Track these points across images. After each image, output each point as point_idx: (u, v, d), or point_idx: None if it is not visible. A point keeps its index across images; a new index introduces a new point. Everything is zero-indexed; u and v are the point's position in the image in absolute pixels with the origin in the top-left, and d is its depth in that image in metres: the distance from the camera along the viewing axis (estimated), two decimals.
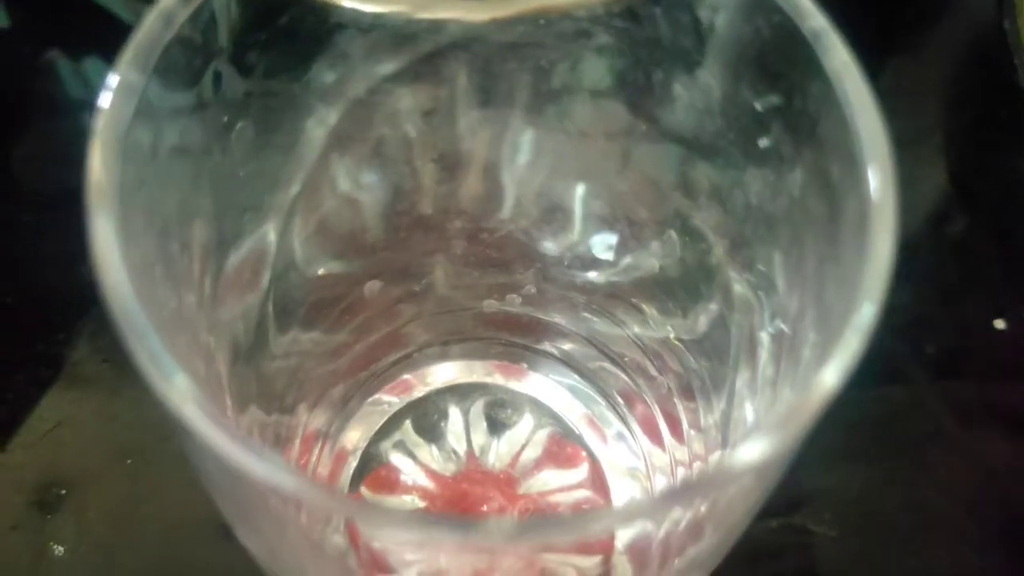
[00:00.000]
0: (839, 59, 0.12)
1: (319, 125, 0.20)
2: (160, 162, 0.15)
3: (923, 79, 0.36)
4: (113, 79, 0.12)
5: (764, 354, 0.16)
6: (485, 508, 0.26)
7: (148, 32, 0.13)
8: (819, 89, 0.13)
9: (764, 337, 0.16)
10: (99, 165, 0.12)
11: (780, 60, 0.14)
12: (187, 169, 0.16)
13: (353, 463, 0.26)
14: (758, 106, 0.15)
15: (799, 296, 0.15)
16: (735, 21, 0.15)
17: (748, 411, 0.17)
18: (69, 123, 0.34)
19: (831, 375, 0.11)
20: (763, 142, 0.15)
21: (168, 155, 0.15)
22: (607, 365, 0.26)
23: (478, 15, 0.18)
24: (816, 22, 0.13)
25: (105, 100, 0.12)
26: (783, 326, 0.16)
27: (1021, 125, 0.33)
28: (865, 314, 0.11)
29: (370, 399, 0.27)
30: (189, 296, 0.17)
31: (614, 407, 0.27)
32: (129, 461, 0.27)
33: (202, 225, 0.17)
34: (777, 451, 0.11)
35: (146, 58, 0.13)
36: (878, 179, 0.11)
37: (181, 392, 0.12)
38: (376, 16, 0.19)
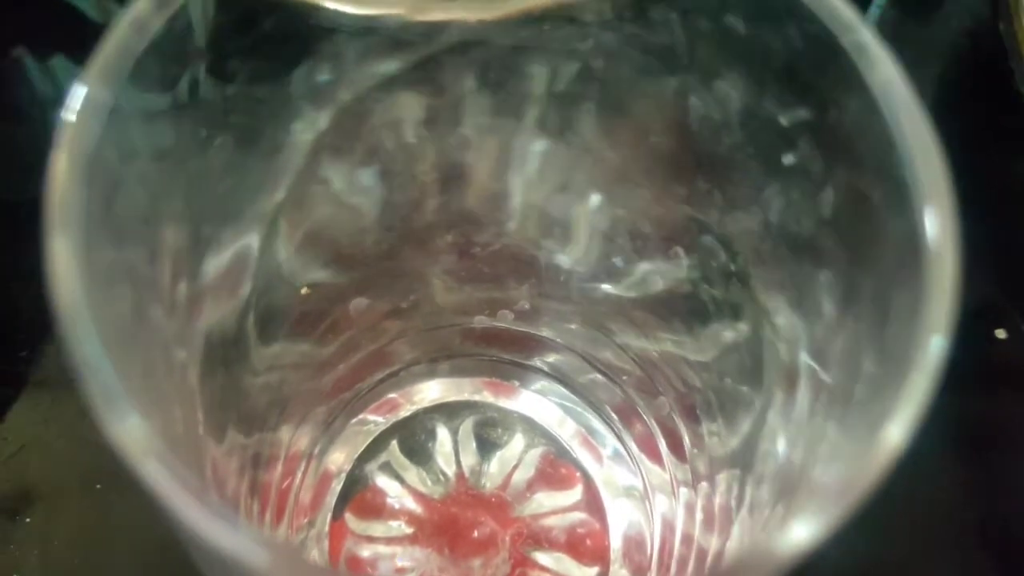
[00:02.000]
0: (885, 74, 0.11)
1: (306, 131, 0.19)
2: (131, 169, 0.13)
3: (916, 83, 0.35)
4: (79, 93, 0.11)
5: (803, 384, 0.15)
6: (476, 533, 0.24)
7: (119, 42, 0.11)
8: (857, 105, 0.12)
9: (803, 366, 0.15)
10: (63, 186, 0.11)
11: (811, 72, 0.13)
12: (160, 172, 0.15)
13: (337, 486, 0.25)
14: (783, 120, 0.14)
15: (850, 323, 0.14)
16: (760, 29, 0.13)
17: (780, 443, 0.16)
18: (37, 127, 0.32)
19: (897, 430, 0.10)
20: (788, 159, 0.14)
21: (140, 160, 0.14)
22: (602, 380, 0.25)
23: (477, 15, 0.17)
24: (860, 36, 0.12)
25: (71, 114, 0.11)
26: (825, 357, 0.14)
27: (1019, 131, 0.33)
28: (933, 351, 0.10)
29: (355, 419, 0.26)
30: (157, 307, 0.15)
31: (608, 423, 0.26)
32: (98, 486, 0.25)
33: (175, 230, 0.16)
34: (830, 529, 0.10)
35: (116, 70, 0.11)
36: (937, 223, 0.10)
37: (136, 440, 0.11)
38: (368, 19, 0.18)
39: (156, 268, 0.14)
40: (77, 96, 0.11)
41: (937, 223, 0.10)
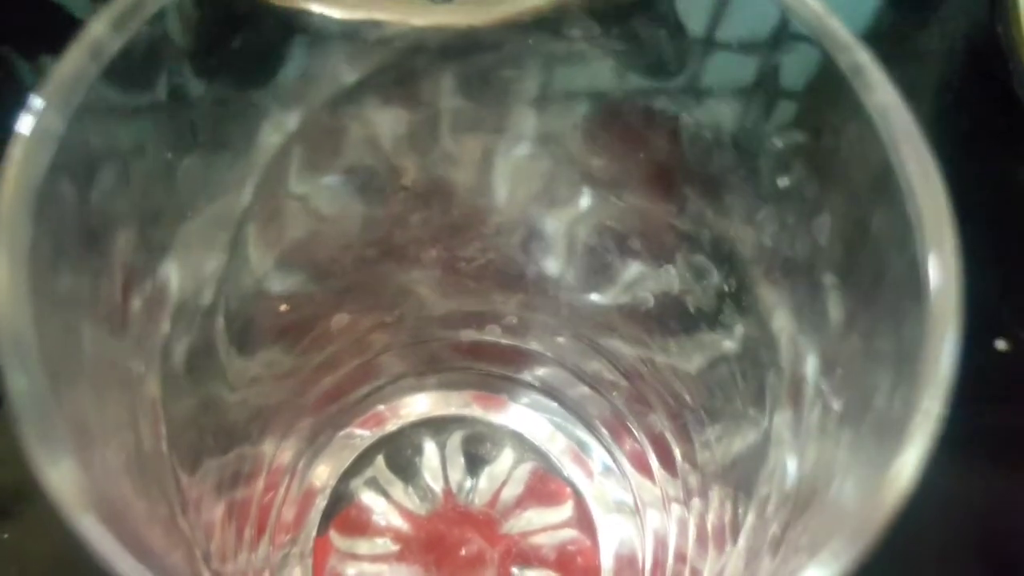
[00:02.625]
0: (884, 97, 0.11)
1: (274, 132, 0.18)
2: (81, 177, 0.13)
3: (914, 85, 0.35)
4: (28, 120, 0.10)
5: (809, 406, 0.15)
6: (464, 551, 0.24)
7: (73, 66, 0.11)
8: (854, 129, 0.11)
9: (809, 387, 0.15)
10: (8, 213, 0.10)
11: (806, 94, 0.12)
12: (113, 178, 0.14)
13: (321, 503, 0.25)
14: (777, 142, 0.13)
15: (853, 347, 0.13)
16: (753, 47, 0.13)
17: (789, 465, 0.15)
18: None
19: (908, 464, 0.10)
20: (782, 181, 0.14)
21: (92, 166, 0.13)
22: (592, 394, 0.25)
23: (466, 20, 0.16)
24: (857, 56, 0.11)
25: (20, 137, 0.10)
26: (831, 378, 0.14)
27: (1018, 134, 0.32)
28: (931, 407, 0.10)
29: (341, 433, 0.25)
30: (107, 322, 0.15)
31: (599, 438, 0.26)
32: None
33: (128, 237, 0.15)
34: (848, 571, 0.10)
35: (68, 97, 0.11)
36: (940, 272, 0.10)
37: (69, 487, 0.10)
38: (352, 23, 0.17)
39: (106, 280, 0.14)
40: (28, 120, 0.10)
41: (940, 272, 0.10)
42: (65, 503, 0.10)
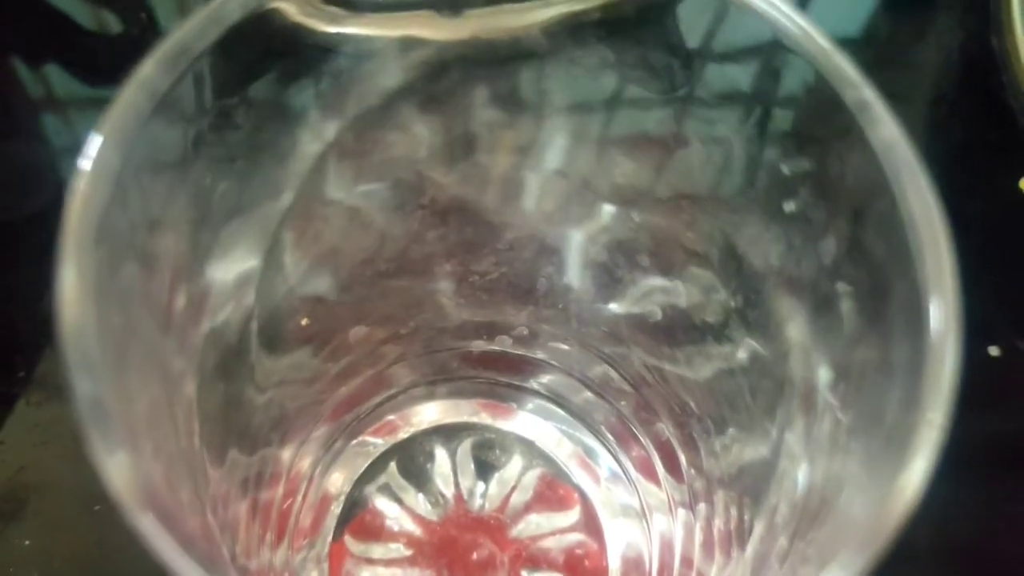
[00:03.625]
0: (888, 133, 0.12)
1: (312, 142, 0.19)
2: (134, 184, 0.13)
3: (909, 98, 0.35)
4: (88, 158, 0.11)
5: (818, 418, 0.15)
6: (474, 555, 0.25)
7: (127, 105, 0.11)
8: (859, 160, 0.12)
9: (821, 389, 0.15)
10: (75, 245, 0.11)
11: (814, 124, 0.13)
12: (163, 182, 0.15)
13: (337, 509, 0.25)
14: (785, 168, 0.14)
15: (857, 365, 0.14)
16: (764, 80, 0.14)
17: (799, 474, 0.16)
18: (30, 141, 0.32)
19: (915, 475, 0.10)
20: (789, 206, 0.14)
21: (143, 173, 0.14)
22: (598, 401, 0.26)
23: (472, 34, 0.17)
24: (862, 93, 0.12)
25: (82, 176, 0.11)
26: (838, 393, 0.14)
27: (1011, 146, 0.33)
28: (928, 431, 0.10)
29: (355, 441, 0.26)
30: (154, 319, 0.15)
31: (605, 444, 0.26)
32: (97, 507, 0.25)
33: (175, 238, 0.16)
34: None
35: (124, 134, 0.11)
36: (940, 313, 0.10)
37: (125, 478, 0.11)
38: (374, 42, 0.18)
39: (155, 279, 0.14)
40: (88, 158, 0.11)
41: (941, 313, 0.11)
42: (124, 499, 0.11)
